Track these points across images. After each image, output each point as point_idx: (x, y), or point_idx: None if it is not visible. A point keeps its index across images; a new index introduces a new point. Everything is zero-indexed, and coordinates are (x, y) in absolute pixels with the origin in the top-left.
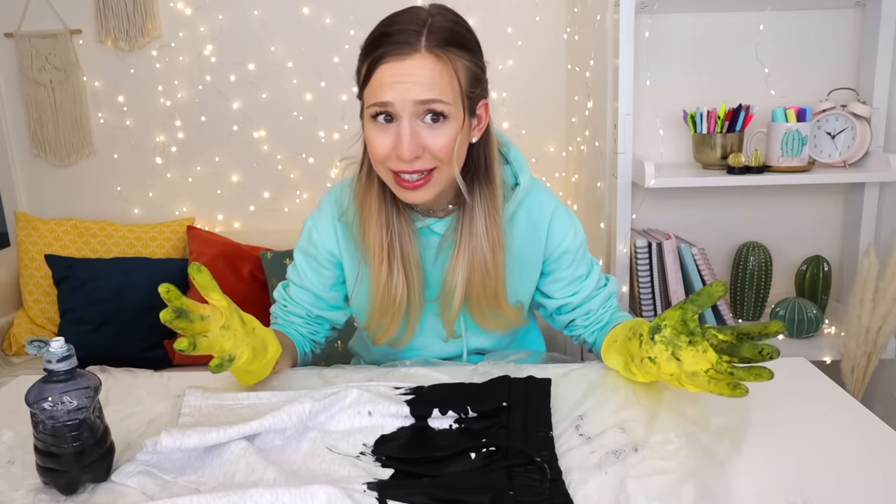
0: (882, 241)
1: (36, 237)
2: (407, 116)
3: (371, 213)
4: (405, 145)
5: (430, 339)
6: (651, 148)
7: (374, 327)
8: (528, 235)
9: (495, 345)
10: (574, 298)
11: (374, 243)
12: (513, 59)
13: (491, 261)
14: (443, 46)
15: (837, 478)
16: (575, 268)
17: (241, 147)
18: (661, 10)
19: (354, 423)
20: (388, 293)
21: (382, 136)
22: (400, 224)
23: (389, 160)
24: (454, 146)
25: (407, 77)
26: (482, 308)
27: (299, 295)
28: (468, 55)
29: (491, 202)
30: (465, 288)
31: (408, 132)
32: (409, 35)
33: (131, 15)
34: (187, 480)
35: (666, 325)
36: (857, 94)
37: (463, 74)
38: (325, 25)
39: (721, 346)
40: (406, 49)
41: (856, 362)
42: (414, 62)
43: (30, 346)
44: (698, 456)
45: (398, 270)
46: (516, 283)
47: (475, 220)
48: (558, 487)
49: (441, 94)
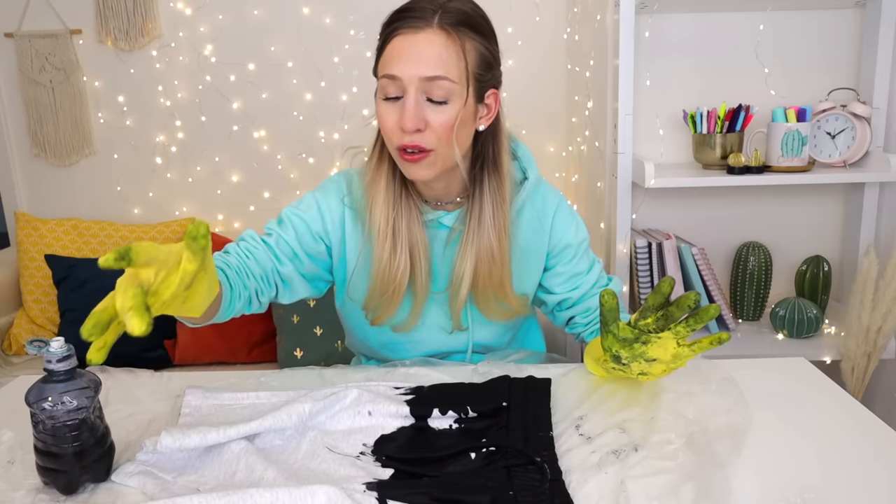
0: (882, 241)
1: (36, 237)
2: (413, 90)
3: (378, 192)
4: (408, 116)
5: (435, 332)
6: (651, 148)
7: (373, 306)
8: (534, 229)
9: (499, 339)
10: (574, 294)
11: (378, 220)
12: (513, 59)
13: (497, 249)
14: (454, 25)
15: (837, 478)
16: (576, 263)
17: (241, 147)
18: (661, 10)
19: (354, 423)
20: (389, 270)
21: (390, 110)
22: (408, 206)
23: (395, 133)
24: (454, 126)
25: (417, 51)
26: (487, 296)
27: (280, 245)
28: (480, 38)
29: (499, 192)
30: (473, 276)
31: (412, 103)
32: (425, 12)
33: (131, 15)
34: (187, 480)
35: (616, 351)
36: (857, 94)
37: (472, 55)
38: (325, 25)
39: (659, 324)
40: (419, 23)
41: (856, 362)
42: (425, 36)
43: (30, 346)
44: (698, 456)
45: (402, 250)
46: (522, 275)
47: (483, 209)
48: (558, 487)
49: (447, 72)
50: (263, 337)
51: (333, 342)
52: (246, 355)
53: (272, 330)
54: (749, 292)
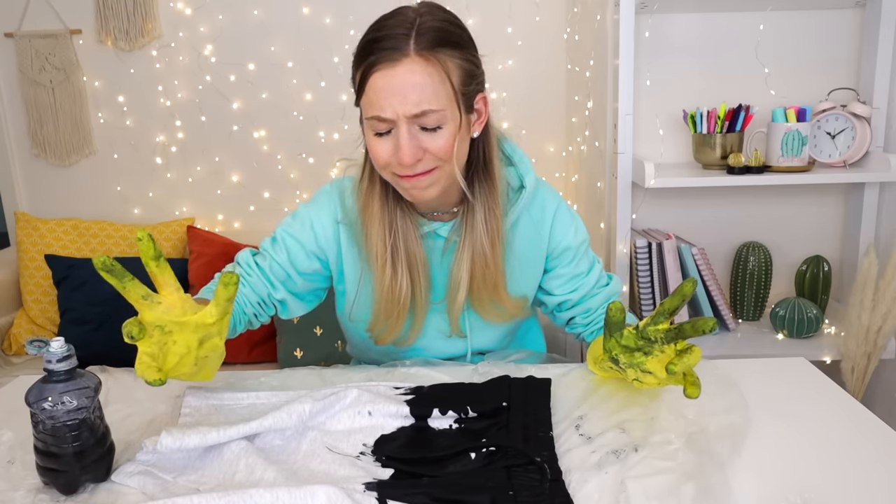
0: (882, 241)
1: (36, 237)
2: (404, 125)
3: (373, 215)
4: (405, 152)
5: (434, 339)
6: (651, 148)
7: (378, 329)
8: (531, 234)
9: (498, 345)
10: (573, 295)
11: (376, 244)
12: (513, 59)
13: (490, 254)
14: (432, 48)
15: (837, 478)
16: (575, 265)
17: (241, 147)
18: (661, 10)
19: (354, 423)
20: (392, 294)
21: (383, 144)
22: (405, 224)
23: (391, 166)
24: (454, 146)
25: (398, 87)
26: (482, 299)
27: (273, 269)
28: (459, 53)
29: (490, 196)
30: (469, 281)
31: (406, 139)
32: (398, 40)
33: (131, 15)
34: (187, 480)
35: (616, 354)
36: (857, 94)
37: (455, 74)
38: (325, 25)
39: (670, 336)
40: (395, 55)
41: (856, 362)
42: (404, 68)
43: (30, 346)
44: (698, 456)
45: (403, 271)
46: (519, 279)
47: (476, 215)
48: (558, 487)
49: (432, 103)
50: (263, 337)
51: (333, 342)
52: (246, 355)
53: (272, 330)
54: (749, 292)
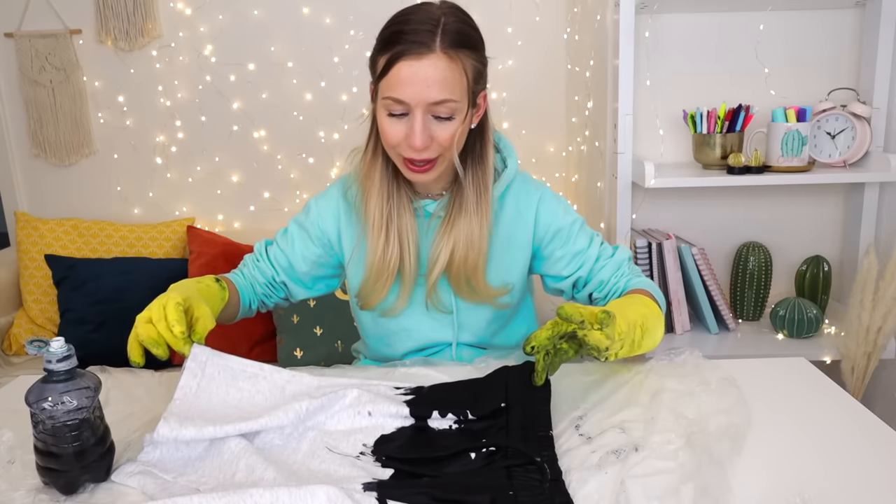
0: (882, 241)
1: (36, 237)
2: (420, 112)
3: (374, 185)
4: (417, 137)
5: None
6: (651, 148)
7: (365, 292)
8: (516, 219)
9: (486, 330)
10: (581, 271)
11: (374, 212)
12: (513, 59)
13: (478, 235)
14: (455, 48)
15: (837, 478)
16: (573, 242)
17: (241, 147)
18: (661, 10)
19: (354, 423)
20: (383, 259)
21: (396, 125)
22: (400, 197)
23: (400, 147)
24: (456, 135)
25: (423, 77)
26: (460, 279)
27: (277, 256)
28: (475, 54)
29: (483, 181)
30: (448, 258)
31: (420, 126)
32: (425, 35)
33: (131, 15)
34: (187, 480)
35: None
36: (857, 94)
37: (470, 72)
38: (325, 25)
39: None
40: (423, 49)
41: (856, 362)
42: (429, 62)
43: (30, 346)
44: (698, 456)
45: (394, 239)
46: (503, 263)
47: (466, 197)
48: (558, 487)
49: (452, 94)
50: (263, 337)
51: (333, 342)
52: (246, 355)
53: (272, 330)
54: (749, 292)
